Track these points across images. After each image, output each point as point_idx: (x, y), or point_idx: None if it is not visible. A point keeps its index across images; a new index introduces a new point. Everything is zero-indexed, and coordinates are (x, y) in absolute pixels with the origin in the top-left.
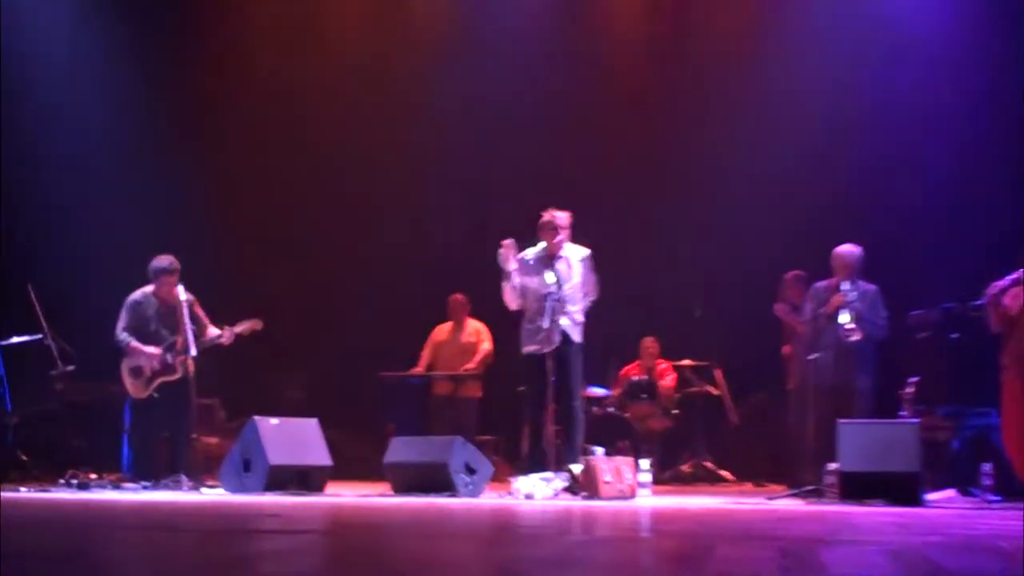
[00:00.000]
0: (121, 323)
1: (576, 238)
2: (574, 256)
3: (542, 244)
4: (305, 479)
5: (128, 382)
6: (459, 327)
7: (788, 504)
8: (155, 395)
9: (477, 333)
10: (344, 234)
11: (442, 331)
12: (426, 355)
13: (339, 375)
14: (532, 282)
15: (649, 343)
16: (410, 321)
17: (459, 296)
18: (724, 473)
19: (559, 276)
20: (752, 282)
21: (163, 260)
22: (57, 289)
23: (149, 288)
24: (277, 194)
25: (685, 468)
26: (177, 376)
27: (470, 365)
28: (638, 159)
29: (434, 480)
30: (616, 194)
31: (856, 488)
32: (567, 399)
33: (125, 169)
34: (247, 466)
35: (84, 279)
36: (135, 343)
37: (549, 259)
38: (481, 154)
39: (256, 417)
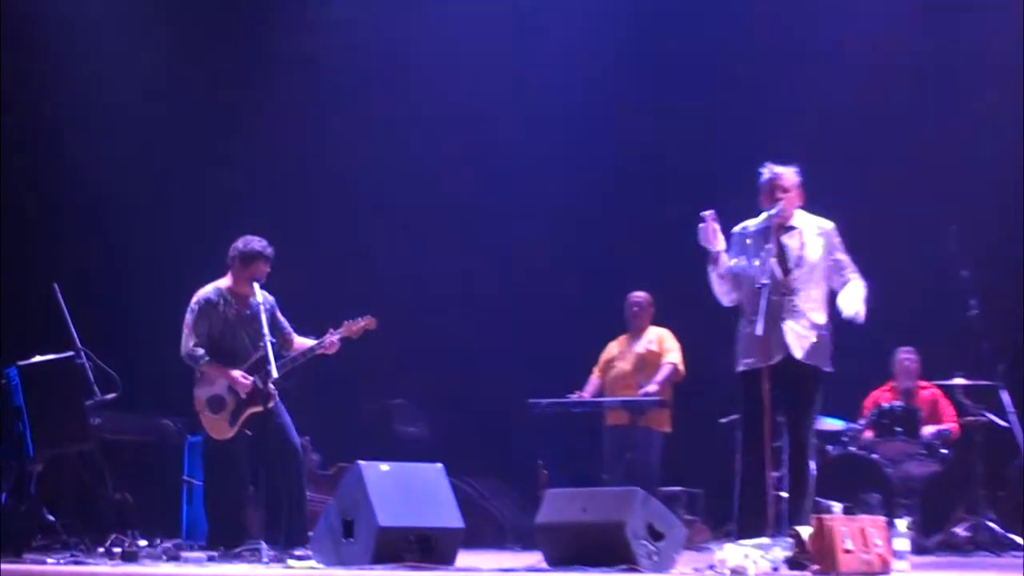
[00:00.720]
0: (190, 334)
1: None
2: (810, 229)
3: (764, 214)
4: (428, 547)
5: (206, 418)
6: (637, 335)
7: None
8: (247, 433)
9: (659, 341)
10: (481, 217)
11: (616, 344)
12: (595, 376)
13: (472, 403)
14: (748, 267)
15: (905, 357)
16: (572, 331)
17: (640, 295)
18: (1016, 537)
19: (786, 256)
20: None
21: (255, 242)
22: (93, 294)
23: (224, 283)
24: (382, 174)
25: (959, 530)
26: (269, 405)
27: (651, 387)
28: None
29: (605, 548)
30: (846, 155)
31: None
32: (794, 434)
33: (180, 152)
34: (348, 530)
35: (126, 281)
36: (215, 364)
37: (771, 233)
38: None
39: (360, 462)
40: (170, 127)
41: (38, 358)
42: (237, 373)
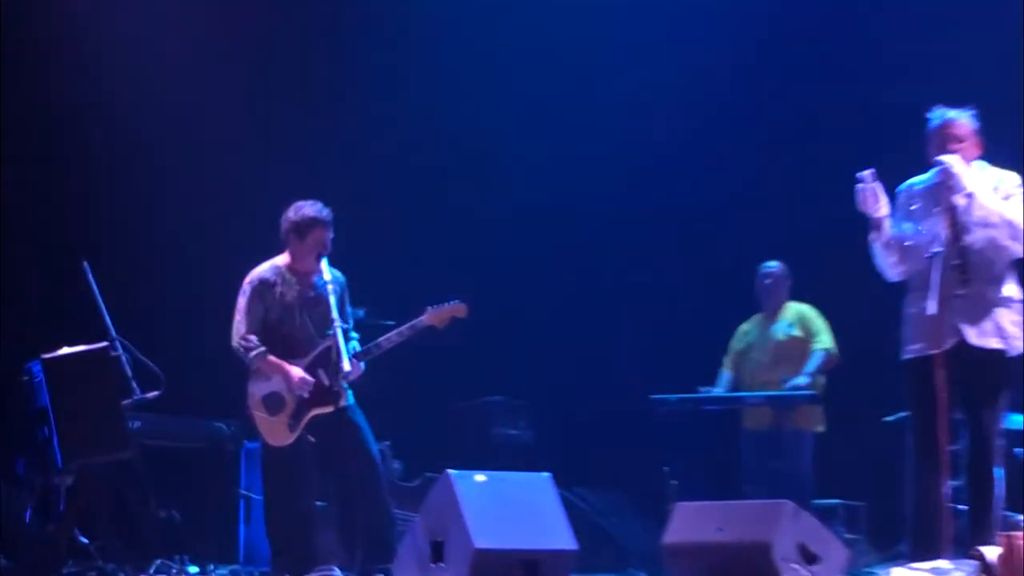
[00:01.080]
0: (242, 321)
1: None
2: (989, 185)
3: (934, 170)
4: (534, 573)
5: (262, 420)
6: (772, 316)
7: None
8: (310, 439)
9: (802, 324)
10: (587, 184)
11: (749, 328)
12: (727, 369)
13: (585, 400)
14: (916, 233)
15: None
16: (700, 313)
17: (773, 266)
18: None
19: (958, 218)
20: None
21: (307, 207)
22: (131, 273)
23: (282, 260)
24: (473, 140)
25: None
26: (339, 405)
27: (801, 379)
28: None
29: (747, 573)
30: None
31: None
32: (975, 435)
33: (238, 112)
34: (438, 553)
35: (170, 259)
36: (271, 358)
37: (942, 192)
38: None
39: (451, 472)
40: (229, 81)
41: (66, 350)
42: (296, 371)
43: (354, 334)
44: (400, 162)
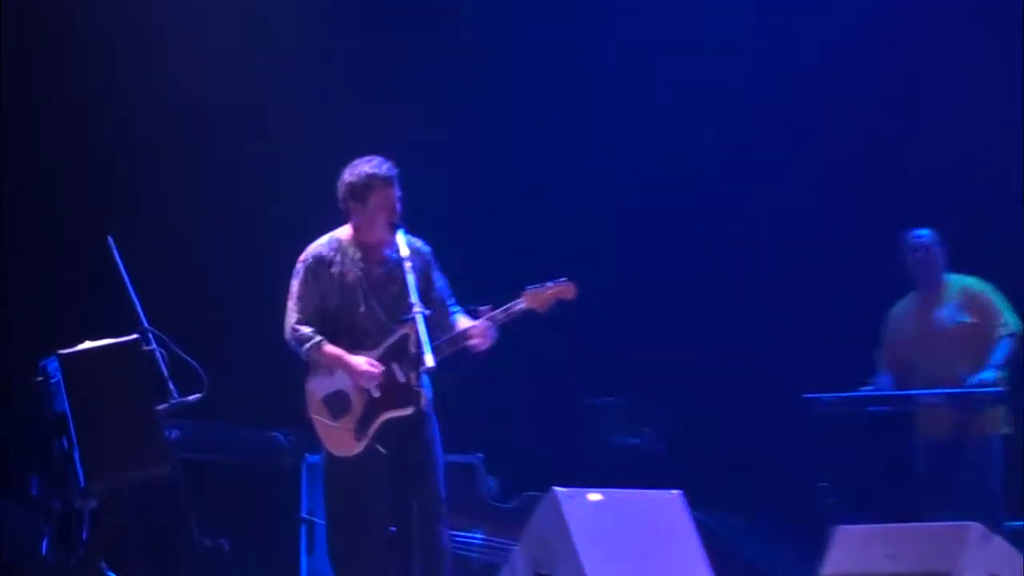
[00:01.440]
0: (294, 308)
1: None
2: None
3: None
4: None
5: (323, 426)
6: (931, 296)
7: None
8: (380, 450)
9: (973, 304)
10: (720, 153)
11: (905, 312)
12: (886, 363)
13: (720, 401)
14: None
15: None
16: (856, 298)
17: (923, 235)
18: None
19: None
20: None
21: (363, 164)
22: (167, 252)
23: (343, 232)
24: (596, 101)
25: None
26: (419, 407)
27: (987, 374)
28: None
29: None
30: None
31: None
32: None
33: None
34: None
35: (214, 234)
36: (328, 348)
37: None
38: None
39: (558, 490)
40: (287, 45)
41: (88, 344)
42: (358, 360)
43: (456, 308)
44: (506, 132)
